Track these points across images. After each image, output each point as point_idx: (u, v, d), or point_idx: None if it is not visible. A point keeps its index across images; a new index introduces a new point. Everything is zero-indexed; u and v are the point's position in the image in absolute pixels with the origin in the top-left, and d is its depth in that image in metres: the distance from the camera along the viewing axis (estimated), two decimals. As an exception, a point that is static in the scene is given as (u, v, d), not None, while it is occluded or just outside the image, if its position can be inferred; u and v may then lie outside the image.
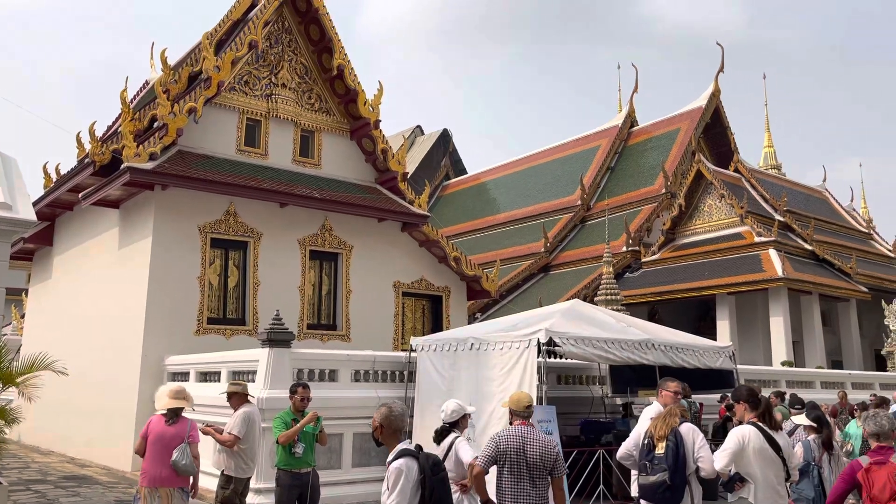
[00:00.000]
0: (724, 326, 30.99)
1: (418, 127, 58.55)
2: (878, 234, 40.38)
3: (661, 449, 5.15)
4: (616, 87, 48.64)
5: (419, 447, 4.53)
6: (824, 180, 42.05)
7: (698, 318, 35.27)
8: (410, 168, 44.12)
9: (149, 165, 14.81)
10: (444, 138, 56.64)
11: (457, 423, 6.26)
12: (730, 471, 5.10)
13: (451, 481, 5.96)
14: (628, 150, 43.43)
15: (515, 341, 10.31)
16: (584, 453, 10.75)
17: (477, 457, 5.48)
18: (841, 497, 4.57)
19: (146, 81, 23.41)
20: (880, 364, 29.40)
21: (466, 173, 55.97)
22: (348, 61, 18.49)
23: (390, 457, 4.50)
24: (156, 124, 16.57)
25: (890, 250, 38.37)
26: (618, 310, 23.78)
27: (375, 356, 12.36)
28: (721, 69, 39.39)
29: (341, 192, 17.72)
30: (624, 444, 5.78)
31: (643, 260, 35.22)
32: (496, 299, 31.45)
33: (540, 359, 9.93)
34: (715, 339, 28.02)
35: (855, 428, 10.77)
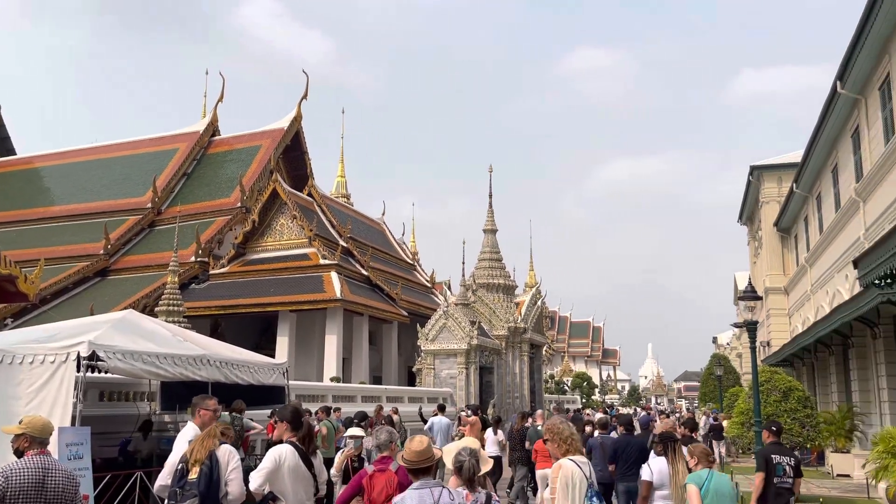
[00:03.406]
0: (283, 342, 32.12)
1: (-45, 90, 48.46)
2: (420, 266, 46.56)
3: (194, 474, 4.97)
4: (202, 93, 47.33)
5: None
6: (383, 213, 47.03)
7: (261, 332, 35.94)
8: (-63, 137, 36.31)
9: None
10: (-11, 110, 47.99)
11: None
12: (264, 490, 5.17)
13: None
14: (208, 159, 42.53)
15: (50, 354, 9.05)
16: (119, 476, 9.89)
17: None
18: (348, 498, 5.11)
19: None
20: (412, 379, 33.72)
21: (15, 154, 48.22)
22: None
23: None
24: None
25: (428, 281, 44.54)
26: (179, 322, 22.85)
27: None
28: (305, 96, 41.34)
29: None
30: (160, 476, 5.43)
31: (211, 272, 34.61)
32: (36, 304, 27.51)
33: (79, 374, 8.89)
34: (274, 354, 28.88)
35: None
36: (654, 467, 6.38)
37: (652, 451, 7.23)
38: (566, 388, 70.38)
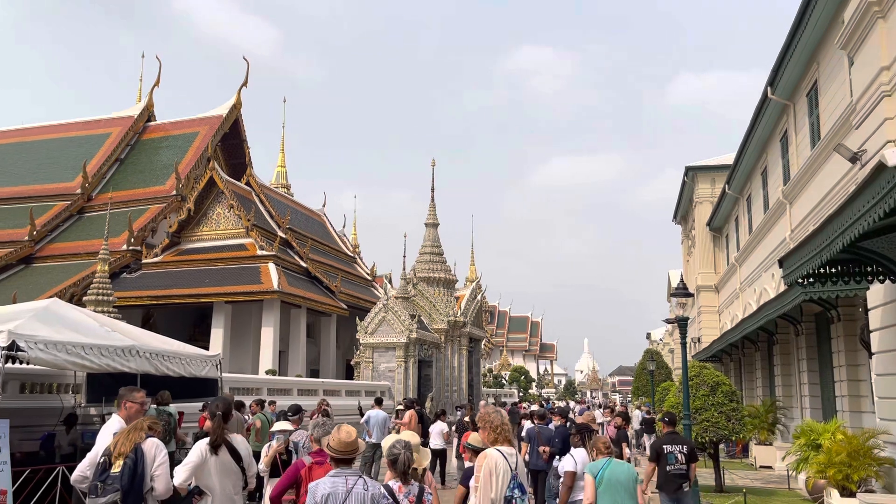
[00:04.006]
0: (218, 334, 31.45)
1: None
2: (361, 258, 46.26)
3: (117, 468, 4.80)
4: (138, 77, 45.84)
5: None
6: (324, 205, 46.51)
7: (195, 324, 35.12)
8: None
9: None
10: None
11: None
12: (189, 485, 5.04)
13: None
14: (142, 145, 41.23)
15: (-35, 344, 8.62)
16: (40, 471, 9.51)
17: None
18: (283, 489, 5.07)
19: None
20: (350, 372, 33.50)
21: (-66, 134, 45.81)
22: None
23: None
24: None
25: (368, 273, 44.29)
26: (109, 312, 22.15)
27: None
28: (245, 83, 40.48)
29: None
30: (79, 466, 5.23)
31: (144, 261, 33.62)
32: (-45, 291, 26.24)
33: (-2, 365, 8.50)
34: (209, 346, 28.27)
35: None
36: (578, 458, 6.55)
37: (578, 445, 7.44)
38: (504, 381, 71.10)
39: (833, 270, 8.92)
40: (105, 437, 5.45)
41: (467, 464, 11.43)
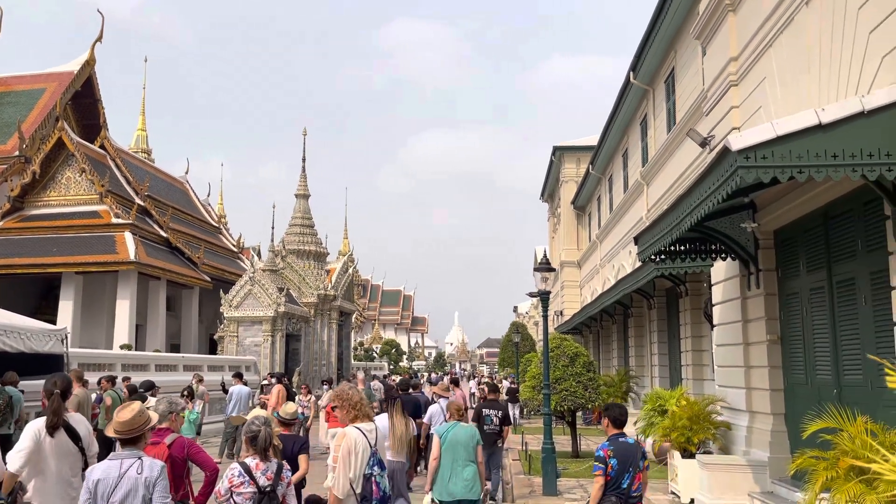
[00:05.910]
0: (67, 307, 29.37)
1: None
2: (227, 229, 44.50)
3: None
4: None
5: None
6: (187, 172, 44.24)
7: (41, 296, 32.61)
8: None
9: None
10: None
11: None
12: (25, 471, 4.62)
13: None
14: (-21, 99, 37.34)
15: None
16: None
17: None
18: None
19: None
20: (213, 347, 32.30)
21: None
22: None
23: None
24: None
25: (234, 245, 42.74)
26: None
27: None
28: (99, 38, 37.47)
29: None
30: None
31: (-19, 227, 30.67)
32: None
33: None
34: (56, 320, 26.32)
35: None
36: (378, 423, 6.84)
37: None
38: (375, 354, 71.30)
39: (682, 248, 9.49)
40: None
41: (331, 432, 11.44)
